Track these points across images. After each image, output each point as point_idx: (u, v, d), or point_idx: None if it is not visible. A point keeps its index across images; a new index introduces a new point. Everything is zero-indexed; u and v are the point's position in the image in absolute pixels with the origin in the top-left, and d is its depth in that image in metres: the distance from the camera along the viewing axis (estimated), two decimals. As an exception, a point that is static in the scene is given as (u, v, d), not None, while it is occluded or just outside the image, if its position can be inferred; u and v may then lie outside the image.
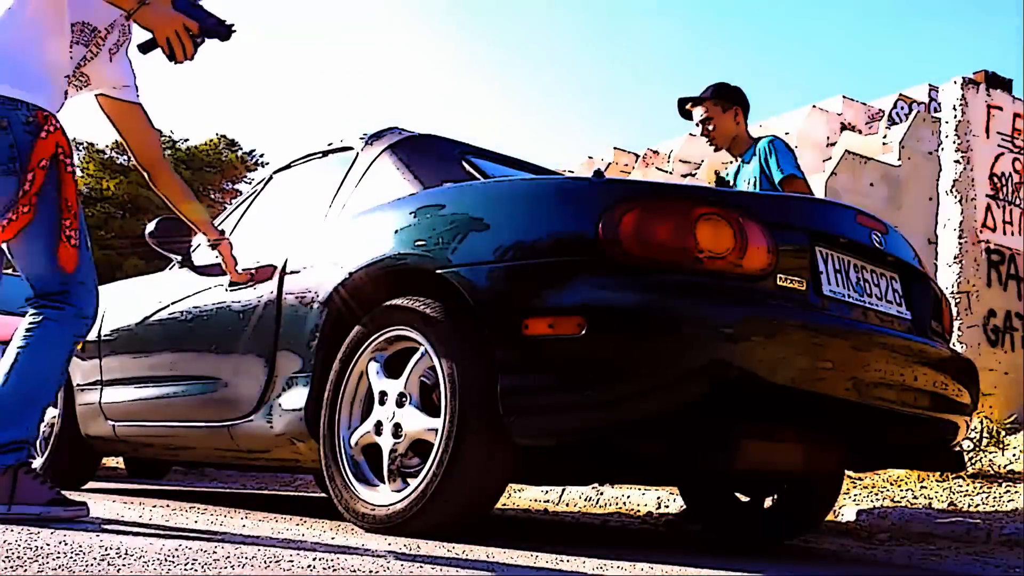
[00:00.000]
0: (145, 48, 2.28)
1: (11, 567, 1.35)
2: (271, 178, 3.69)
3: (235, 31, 2.33)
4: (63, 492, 2.19)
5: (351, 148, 3.12)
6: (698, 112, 3.68)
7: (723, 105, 3.65)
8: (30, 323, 2.24)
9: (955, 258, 5.85)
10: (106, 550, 1.61)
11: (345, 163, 3.10)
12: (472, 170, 2.88)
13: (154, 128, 2.60)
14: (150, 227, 3.10)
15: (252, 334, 2.92)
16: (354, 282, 2.59)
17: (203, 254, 3.23)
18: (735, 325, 2.05)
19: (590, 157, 14.28)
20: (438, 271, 2.34)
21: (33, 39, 2.24)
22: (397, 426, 2.37)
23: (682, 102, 3.71)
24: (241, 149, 24.59)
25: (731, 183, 3.70)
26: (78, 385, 3.81)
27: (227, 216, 3.73)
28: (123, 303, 3.77)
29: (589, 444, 2.35)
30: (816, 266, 2.32)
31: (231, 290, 3.08)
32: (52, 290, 2.24)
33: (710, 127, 3.65)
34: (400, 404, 2.38)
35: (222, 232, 2.83)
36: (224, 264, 2.84)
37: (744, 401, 2.11)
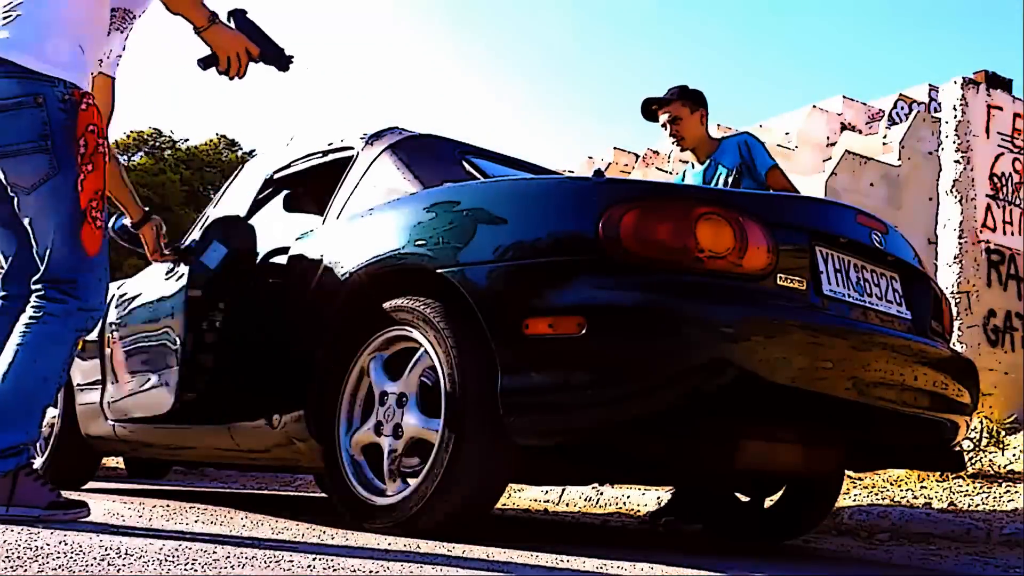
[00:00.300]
0: (205, 64, 2.31)
1: (11, 567, 1.35)
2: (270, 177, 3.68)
3: (293, 62, 2.38)
4: (63, 493, 2.15)
5: (351, 148, 3.12)
6: (665, 113, 3.76)
7: (690, 107, 3.74)
8: (30, 317, 2.13)
9: (955, 258, 5.85)
10: (106, 550, 1.61)
11: (345, 163, 3.09)
12: (472, 170, 2.88)
13: (113, 102, 2.57)
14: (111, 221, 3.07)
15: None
16: (354, 282, 2.59)
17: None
18: (735, 325, 2.05)
19: (590, 157, 14.29)
20: (438, 271, 2.34)
21: (73, 21, 2.20)
22: (397, 426, 2.37)
23: (647, 103, 3.79)
24: (241, 149, 24.66)
25: (705, 182, 3.72)
26: (78, 385, 3.81)
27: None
28: (124, 301, 3.76)
29: (589, 444, 2.35)
30: (816, 266, 2.32)
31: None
32: (61, 276, 2.14)
33: (679, 127, 3.74)
34: (400, 404, 2.38)
35: (148, 213, 2.90)
36: (145, 245, 2.92)
37: (744, 401, 2.11)
